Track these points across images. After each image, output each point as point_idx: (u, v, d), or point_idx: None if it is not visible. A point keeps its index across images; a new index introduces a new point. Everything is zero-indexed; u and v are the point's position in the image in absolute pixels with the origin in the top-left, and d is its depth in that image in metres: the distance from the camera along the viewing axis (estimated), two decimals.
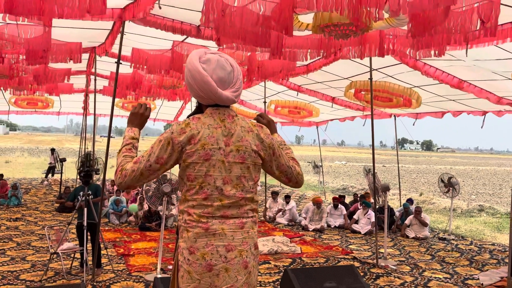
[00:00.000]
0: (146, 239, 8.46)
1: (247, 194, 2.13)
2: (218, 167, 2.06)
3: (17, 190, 12.06)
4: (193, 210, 2.06)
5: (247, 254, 2.09)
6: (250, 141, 2.14)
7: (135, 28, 6.35)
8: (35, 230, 8.84)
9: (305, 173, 18.41)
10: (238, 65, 2.19)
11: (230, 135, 2.11)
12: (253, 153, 2.14)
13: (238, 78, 2.16)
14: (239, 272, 2.06)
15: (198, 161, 2.05)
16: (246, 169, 2.13)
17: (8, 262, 6.48)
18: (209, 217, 2.05)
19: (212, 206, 2.05)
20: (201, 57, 2.12)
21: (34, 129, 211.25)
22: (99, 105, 13.18)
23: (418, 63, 7.26)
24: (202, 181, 2.06)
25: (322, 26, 4.69)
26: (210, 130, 2.08)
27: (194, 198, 2.07)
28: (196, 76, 2.08)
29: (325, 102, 11.76)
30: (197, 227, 2.04)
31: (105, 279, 5.79)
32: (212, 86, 2.06)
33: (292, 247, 7.84)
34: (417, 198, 17.33)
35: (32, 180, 18.53)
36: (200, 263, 2.01)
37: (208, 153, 2.05)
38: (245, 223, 2.12)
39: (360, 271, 6.57)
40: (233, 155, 2.09)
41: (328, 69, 8.50)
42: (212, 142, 2.06)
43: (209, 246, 2.02)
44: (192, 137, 2.05)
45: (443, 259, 7.63)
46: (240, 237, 2.08)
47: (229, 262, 2.03)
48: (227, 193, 2.06)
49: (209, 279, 2.01)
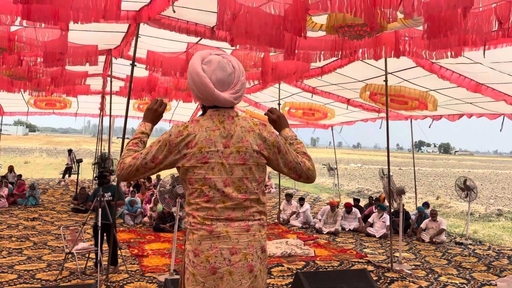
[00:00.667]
0: (160, 240, 8.51)
1: (251, 196, 2.09)
2: (217, 169, 2.04)
3: (34, 190, 12.26)
4: (197, 213, 2.05)
5: (253, 257, 2.06)
6: (251, 141, 2.10)
7: (150, 30, 6.40)
8: (51, 230, 8.97)
9: (320, 175, 18.52)
10: (242, 67, 2.17)
11: (230, 137, 2.08)
12: (254, 153, 2.10)
13: (239, 80, 2.14)
14: (244, 276, 2.03)
15: (197, 165, 2.04)
16: (248, 170, 2.09)
17: (25, 261, 6.57)
18: (213, 219, 2.03)
19: (215, 209, 2.03)
20: (204, 58, 2.12)
21: (52, 130, 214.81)
22: (115, 106, 13.35)
23: (434, 66, 7.15)
24: (202, 184, 2.04)
25: (336, 26, 4.66)
26: (208, 133, 2.06)
27: (197, 201, 2.06)
28: (195, 78, 2.08)
29: (340, 104, 11.67)
30: (201, 230, 2.03)
31: (119, 279, 5.83)
32: (209, 87, 2.06)
33: (305, 250, 7.79)
34: (433, 201, 17.08)
35: (49, 180, 18.81)
36: (204, 265, 2.00)
37: (205, 156, 2.04)
38: (251, 225, 2.08)
39: (374, 275, 6.50)
40: (233, 156, 2.06)
41: (342, 71, 8.43)
42: (209, 145, 2.05)
43: (213, 249, 2.00)
44: (189, 140, 2.05)
45: (459, 264, 7.49)
46: (245, 240, 2.05)
47: (233, 265, 2.01)
48: (229, 195, 2.04)
49: (213, 282, 2.00)
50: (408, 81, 8.52)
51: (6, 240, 7.87)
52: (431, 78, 7.82)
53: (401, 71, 8.02)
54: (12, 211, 10.99)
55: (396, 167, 47.14)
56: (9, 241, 7.79)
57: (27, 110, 16.60)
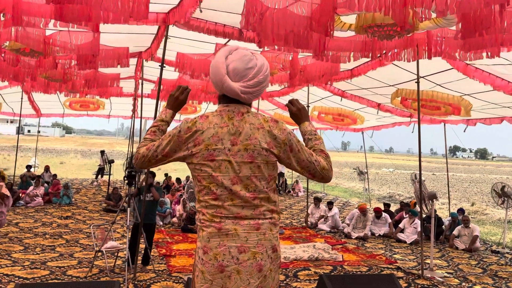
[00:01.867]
0: (187, 240, 8.57)
1: (260, 194, 2.04)
2: (224, 167, 2.01)
3: (68, 190, 12.63)
4: (206, 210, 2.03)
5: (262, 256, 2.00)
6: (259, 139, 2.04)
7: (179, 32, 6.48)
8: (83, 228, 9.19)
9: (350, 179, 18.22)
10: (267, 69, 2.12)
11: (238, 134, 2.04)
12: (263, 151, 2.04)
13: (256, 77, 2.08)
14: (252, 275, 1.98)
15: (203, 162, 2.02)
16: (256, 168, 2.04)
17: (57, 258, 6.75)
18: (222, 217, 2.00)
19: (223, 207, 2.00)
20: (236, 49, 2.12)
21: (87, 132, 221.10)
22: (147, 108, 13.60)
23: (469, 67, 6.91)
24: (210, 181, 2.02)
25: (365, 26, 4.57)
26: (215, 130, 2.03)
27: (205, 199, 2.03)
28: (213, 62, 2.10)
29: (370, 109, 11.49)
30: (210, 227, 2.00)
31: (146, 278, 5.90)
32: (220, 72, 2.05)
33: (333, 254, 7.67)
34: (468, 208, 16.54)
35: (83, 180, 19.34)
36: (213, 263, 1.97)
37: (212, 153, 2.01)
38: (262, 224, 2.03)
39: (403, 281, 6.33)
40: (240, 154, 2.02)
41: (373, 75, 8.29)
42: (216, 142, 2.02)
43: (222, 247, 1.98)
44: (196, 137, 2.04)
45: (495, 273, 7.19)
46: (255, 239, 2.00)
47: (241, 264, 1.97)
48: (237, 193, 2.00)
49: (220, 281, 1.97)
50: (441, 85, 8.29)
51: (40, 237, 8.11)
52: (465, 82, 7.57)
53: (433, 75, 7.81)
54: (47, 209, 11.35)
55: (429, 172, 45.96)
56: (43, 238, 8.03)
57: (62, 112, 17.16)
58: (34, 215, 10.39)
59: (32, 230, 8.69)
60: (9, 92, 13.69)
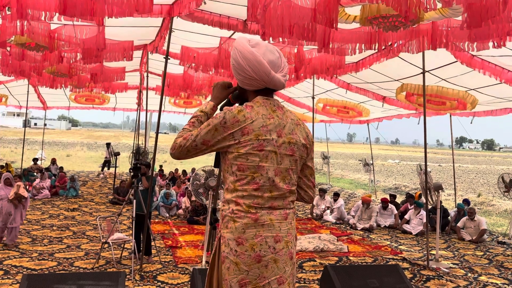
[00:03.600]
0: (193, 232, 8.63)
1: (292, 187, 2.13)
2: (270, 158, 2.04)
3: (74, 182, 12.73)
4: (243, 201, 2.03)
5: (292, 245, 2.09)
6: (299, 135, 2.14)
7: (184, 24, 6.47)
8: (90, 220, 9.27)
9: (355, 171, 18.19)
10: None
11: (282, 127, 2.09)
12: (301, 146, 2.14)
13: (285, 64, 2.15)
14: (287, 263, 2.05)
15: (252, 152, 2.02)
16: (294, 162, 2.12)
17: (64, 249, 6.83)
18: (257, 207, 2.02)
19: (262, 197, 2.03)
20: (250, 41, 2.11)
21: (93, 125, 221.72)
22: (152, 101, 13.63)
23: (475, 59, 6.83)
24: (254, 171, 2.02)
25: (370, 18, 4.54)
26: (264, 120, 2.04)
27: (245, 188, 2.03)
28: (249, 56, 2.04)
29: (375, 102, 11.44)
30: (246, 218, 2.01)
31: (152, 269, 5.96)
32: (265, 67, 2.04)
33: (338, 246, 7.69)
34: (475, 199, 16.49)
35: (89, 173, 19.45)
36: (249, 254, 1.98)
37: (262, 144, 2.02)
38: (288, 214, 2.10)
39: (409, 272, 6.34)
40: (284, 147, 2.08)
41: (378, 68, 8.23)
42: (265, 133, 2.03)
43: (258, 237, 1.99)
44: (245, 126, 2.02)
45: (501, 264, 7.19)
46: (285, 228, 2.06)
47: (277, 253, 2.01)
48: (277, 185, 2.05)
49: (257, 270, 1.99)
50: (446, 80, 8.23)
51: (47, 229, 8.20)
52: (471, 76, 7.50)
53: (439, 69, 7.74)
54: (53, 202, 11.45)
55: (435, 164, 45.78)
56: (50, 230, 8.12)
57: (68, 105, 17.25)
58: (41, 207, 10.49)
59: (40, 222, 8.78)
60: (15, 85, 13.78)
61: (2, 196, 6.74)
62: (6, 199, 6.69)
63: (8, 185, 6.86)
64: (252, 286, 1.98)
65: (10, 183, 6.89)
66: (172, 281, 5.55)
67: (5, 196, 6.72)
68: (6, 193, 6.74)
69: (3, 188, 6.83)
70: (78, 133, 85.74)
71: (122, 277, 3.50)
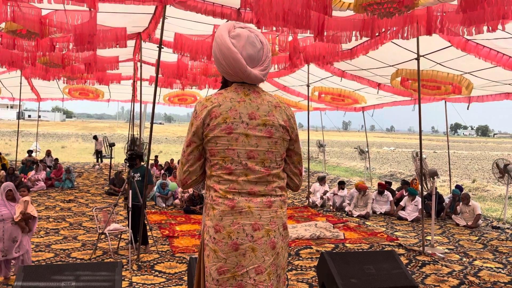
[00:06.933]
0: (190, 221, 8.65)
1: (273, 170, 2.06)
2: (241, 141, 2.00)
3: (70, 174, 12.68)
4: (219, 186, 2.01)
5: (275, 234, 2.02)
6: (277, 116, 2.07)
7: (177, 12, 6.39)
8: (86, 211, 9.26)
9: (351, 159, 18.27)
10: (267, 42, 2.11)
11: (256, 109, 2.04)
12: (280, 128, 2.07)
13: (267, 56, 2.09)
14: (267, 253, 1.99)
15: (220, 135, 1.99)
16: (273, 144, 2.06)
17: (61, 240, 6.83)
18: (235, 193, 1.99)
19: (237, 182, 1.99)
20: (230, 31, 2.04)
21: (88, 116, 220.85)
22: (146, 92, 13.53)
23: (470, 43, 6.82)
24: (224, 155, 2.00)
25: (365, 4, 4.51)
26: (232, 103, 2.02)
27: (218, 173, 2.02)
28: (224, 51, 2.01)
29: (371, 90, 11.42)
30: (223, 205, 1.98)
31: (149, 259, 5.97)
32: (241, 63, 2.00)
33: (335, 233, 7.74)
34: (469, 185, 16.60)
35: (84, 164, 19.40)
36: (226, 241, 1.96)
37: (229, 126, 1.99)
38: (273, 202, 2.04)
39: (405, 258, 6.40)
40: (259, 129, 2.02)
41: (373, 55, 8.19)
42: (233, 116, 2.00)
43: (235, 225, 1.96)
44: (213, 111, 2.01)
45: (496, 248, 7.26)
46: (267, 216, 2.01)
47: (255, 241, 1.97)
48: (252, 168, 2.00)
49: (235, 259, 1.96)
50: (441, 64, 8.21)
51: (44, 220, 8.18)
52: (466, 59, 7.47)
53: (433, 53, 7.71)
54: (49, 193, 11.43)
55: (430, 150, 45.98)
56: (47, 222, 8.10)
57: (62, 96, 17.12)
58: (37, 199, 10.46)
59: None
60: (7, 77, 13.63)
61: (4, 216, 4.77)
62: (10, 220, 4.79)
63: (11, 199, 4.90)
64: (230, 275, 1.96)
65: (13, 197, 4.92)
66: (169, 270, 5.57)
67: (8, 216, 4.79)
68: (10, 211, 4.82)
69: (5, 205, 4.85)
70: (73, 125, 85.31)
71: (119, 267, 3.49)
